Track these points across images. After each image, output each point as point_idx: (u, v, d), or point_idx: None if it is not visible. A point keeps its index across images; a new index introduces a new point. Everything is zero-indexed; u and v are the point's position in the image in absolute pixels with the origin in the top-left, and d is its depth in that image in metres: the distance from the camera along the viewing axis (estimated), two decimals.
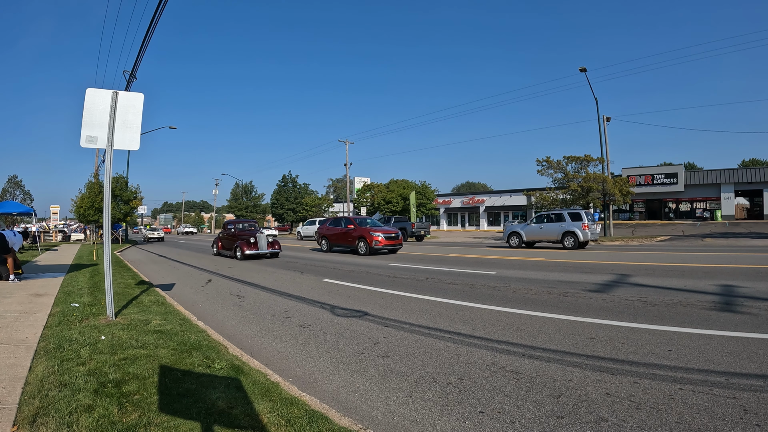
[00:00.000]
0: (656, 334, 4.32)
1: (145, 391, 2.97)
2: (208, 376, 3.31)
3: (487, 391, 3.11)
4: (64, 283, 8.37)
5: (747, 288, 6.75)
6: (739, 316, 4.98)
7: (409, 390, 3.21)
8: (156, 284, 8.79)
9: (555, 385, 3.16)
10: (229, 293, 8.01)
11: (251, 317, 5.93)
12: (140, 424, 2.49)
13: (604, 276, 8.63)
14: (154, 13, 9.54)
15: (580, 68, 25.24)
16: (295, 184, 57.29)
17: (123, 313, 5.61)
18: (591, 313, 5.38)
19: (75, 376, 3.23)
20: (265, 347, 4.51)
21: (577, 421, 2.61)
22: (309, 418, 2.59)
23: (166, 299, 6.82)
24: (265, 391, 3.01)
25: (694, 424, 2.49)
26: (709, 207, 37.74)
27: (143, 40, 11.56)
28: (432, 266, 11.39)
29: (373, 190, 40.71)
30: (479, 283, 8.08)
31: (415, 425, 2.69)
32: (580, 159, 26.98)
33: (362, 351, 4.20)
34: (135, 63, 14.51)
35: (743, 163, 61.26)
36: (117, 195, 27.85)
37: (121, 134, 5.15)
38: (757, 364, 3.38)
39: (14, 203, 28.37)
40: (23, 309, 5.83)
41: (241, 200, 63.13)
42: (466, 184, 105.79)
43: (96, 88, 5.12)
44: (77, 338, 4.29)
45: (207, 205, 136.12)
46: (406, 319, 5.41)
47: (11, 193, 71.66)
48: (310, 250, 19.26)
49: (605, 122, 27.09)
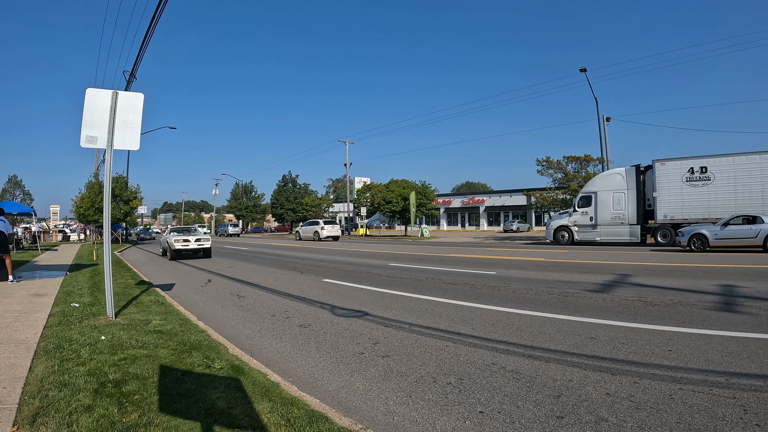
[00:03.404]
0: (656, 334, 4.32)
1: (145, 391, 2.97)
2: (208, 376, 3.31)
3: (487, 391, 3.11)
4: (64, 283, 8.37)
5: (747, 288, 6.75)
6: (739, 316, 4.98)
7: (409, 390, 3.21)
8: (156, 284, 8.80)
9: (555, 385, 3.16)
10: (229, 293, 8.01)
11: (251, 317, 5.93)
12: (140, 424, 2.49)
13: (604, 276, 8.63)
14: (154, 13, 9.54)
15: (580, 68, 25.25)
16: (295, 184, 57.32)
17: (123, 313, 5.61)
18: (591, 313, 5.38)
19: (75, 376, 3.23)
20: (265, 347, 4.51)
21: (577, 421, 2.61)
22: (309, 418, 2.59)
23: (166, 299, 6.82)
24: (265, 391, 3.01)
25: (694, 424, 2.49)
26: None
27: (143, 40, 11.57)
28: (432, 266, 11.39)
29: (373, 190, 40.70)
30: (479, 283, 8.08)
31: (415, 425, 2.69)
32: (580, 159, 27.02)
33: (362, 351, 4.20)
34: (135, 63, 14.53)
35: None
36: (117, 195, 27.88)
37: (121, 134, 5.15)
38: (757, 364, 3.38)
39: (14, 203, 28.43)
40: (23, 309, 5.83)
41: (241, 200, 63.15)
42: (466, 184, 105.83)
43: (96, 88, 5.12)
44: (77, 338, 4.29)
45: (207, 205, 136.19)
46: (406, 319, 5.41)
47: (11, 193, 71.61)
48: (308, 250, 19.27)
49: (605, 122, 27.09)
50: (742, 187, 16.03)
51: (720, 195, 16.38)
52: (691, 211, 16.96)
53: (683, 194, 17.12)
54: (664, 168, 17.45)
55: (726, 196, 16.26)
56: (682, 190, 17.10)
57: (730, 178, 16.24)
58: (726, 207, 16.13)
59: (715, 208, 16.45)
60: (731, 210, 15.79)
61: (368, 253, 16.56)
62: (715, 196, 16.48)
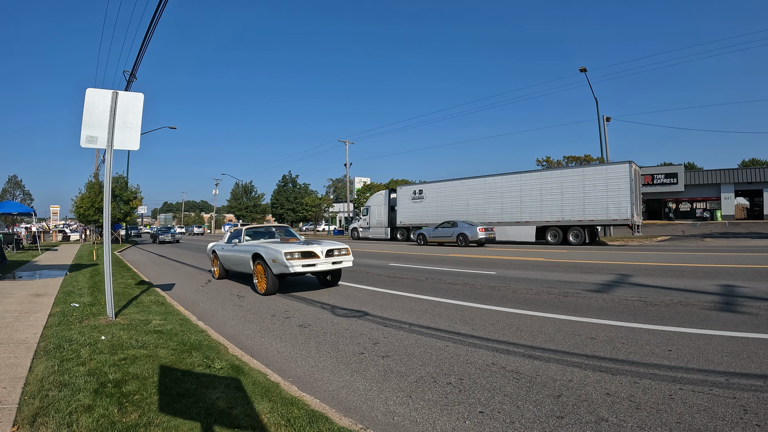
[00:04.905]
0: (656, 334, 4.32)
1: (145, 391, 2.97)
2: (208, 376, 3.31)
3: (487, 391, 3.11)
4: (64, 283, 8.37)
5: (747, 288, 6.74)
6: (739, 316, 4.97)
7: (409, 390, 3.21)
8: (156, 284, 8.80)
9: (555, 385, 3.16)
10: (229, 293, 8.01)
11: (251, 317, 5.93)
12: (140, 424, 2.49)
13: (604, 276, 8.63)
14: (154, 12, 9.54)
15: (580, 68, 25.26)
16: (295, 184, 57.36)
17: (123, 313, 5.61)
18: (591, 313, 5.38)
19: (75, 376, 3.23)
20: (265, 347, 4.51)
21: (577, 421, 2.61)
22: (309, 418, 2.59)
23: (166, 299, 6.82)
24: (265, 391, 3.01)
25: (694, 424, 2.49)
26: (709, 207, 37.74)
27: (143, 39, 11.58)
28: (432, 266, 11.38)
29: (373, 190, 40.75)
30: (479, 283, 8.07)
31: (415, 425, 2.69)
32: (580, 159, 27.03)
33: (362, 351, 4.20)
34: (135, 63, 14.53)
35: (743, 163, 61.26)
36: (117, 195, 27.87)
37: (121, 134, 5.15)
38: (757, 364, 3.38)
39: (14, 203, 28.41)
40: (23, 309, 5.83)
41: (241, 200, 63.16)
42: None
43: (96, 88, 5.12)
44: (77, 338, 4.29)
45: (207, 205, 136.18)
46: (406, 319, 5.41)
47: (11, 193, 71.60)
48: None
49: (605, 122, 27.09)
50: (444, 203, 24.07)
51: (430, 208, 24.78)
52: (415, 219, 25.77)
53: (411, 208, 26.04)
54: (401, 191, 26.93)
55: (434, 209, 24.55)
56: (411, 205, 26.00)
57: (435, 198, 24.71)
58: (435, 216, 24.06)
59: (428, 216, 24.67)
60: (438, 218, 23.24)
61: (368, 253, 16.56)
62: (428, 209, 24.94)
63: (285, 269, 7.02)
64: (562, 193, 19.06)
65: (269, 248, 7.44)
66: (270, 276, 7.31)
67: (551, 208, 19.49)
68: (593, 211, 18.05)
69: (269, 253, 7.32)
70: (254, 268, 7.82)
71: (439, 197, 24.27)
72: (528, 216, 20.58)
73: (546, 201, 19.63)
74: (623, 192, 17.08)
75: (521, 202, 20.27)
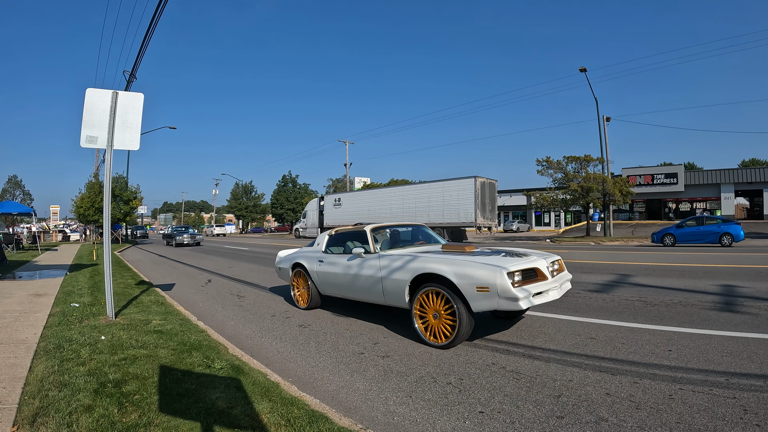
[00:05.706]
0: (656, 334, 4.32)
1: (145, 391, 2.97)
2: (208, 376, 3.31)
3: (487, 391, 3.11)
4: (64, 283, 8.37)
5: (747, 288, 6.74)
6: (739, 316, 4.97)
7: (409, 390, 3.21)
8: (156, 284, 8.80)
9: (555, 385, 3.16)
10: (229, 293, 8.01)
11: (251, 317, 5.93)
12: (140, 424, 2.49)
13: (604, 276, 8.63)
14: (154, 12, 9.54)
15: (580, 68, 25.25)
16: (295, 184, 57.34)
17: (123, 313, 5.61)
18: (591, 313, 5.38)
19: (75, 376, 3.23)
20: (265, 347, 4.51)
21: (577, 421, 2.61)
22: (309, 418, 2.59)
23: (166, 299, 6.82)
24: (265, 391, 3.01)
25: (694, 424, 2.49)
26: (709, 207, 37.73)
27: (143, 39, 11.58)
28: None
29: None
30: None
31: (415, 425, 2.69)
32: (580, 159, 26.95)
33: (362, 351, 4.20)
34: (135, 63, 14.52)
35: (743, 163, 61.27)
36: (117, 195, 27.86)
37: (121, 134, 5.15)
38: (757, 364, 3.38)
39: (14, 203, 28.37)
40: (23, 309, 5.83)
41: (241, 200, 63.14)
42: None
43: (96, 88, 5.11)
44: (77, 338, 4.29)
45: (207, 205, 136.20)
46: None
47: (11, 193, 71.58)
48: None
49: (605, 122, 27.09)
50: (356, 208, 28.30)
51: (346, 213, 28.99)
52: (336, 221, 29.28)
53: (333, 212, 30.34)
54: (327, 198, 31.61)
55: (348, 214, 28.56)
56: (333, 210, 30.40)
57: (350, 205, 29.11)
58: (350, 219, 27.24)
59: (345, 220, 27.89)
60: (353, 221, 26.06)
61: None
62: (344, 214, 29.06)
63: (507, 303, 3.74)
64: (428, 202, 23.86)
65: (465, 263, 4.06)
66: (465, 317, 3.97)
67: (422, 213, 23.93)
68: (450, 215, 22.50)
69: (469, 274, 3.93)
70: (417, 299, 4.35)
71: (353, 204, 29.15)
72: (409, 220, 24.20)
73: (420, 208, 24.20)
74: (470, 201, 21.42)
75: (403, 208, 25.31)
